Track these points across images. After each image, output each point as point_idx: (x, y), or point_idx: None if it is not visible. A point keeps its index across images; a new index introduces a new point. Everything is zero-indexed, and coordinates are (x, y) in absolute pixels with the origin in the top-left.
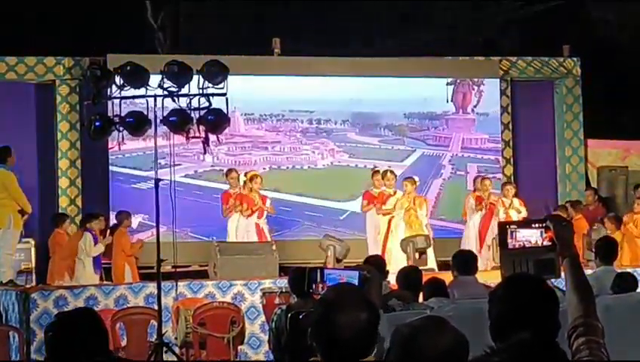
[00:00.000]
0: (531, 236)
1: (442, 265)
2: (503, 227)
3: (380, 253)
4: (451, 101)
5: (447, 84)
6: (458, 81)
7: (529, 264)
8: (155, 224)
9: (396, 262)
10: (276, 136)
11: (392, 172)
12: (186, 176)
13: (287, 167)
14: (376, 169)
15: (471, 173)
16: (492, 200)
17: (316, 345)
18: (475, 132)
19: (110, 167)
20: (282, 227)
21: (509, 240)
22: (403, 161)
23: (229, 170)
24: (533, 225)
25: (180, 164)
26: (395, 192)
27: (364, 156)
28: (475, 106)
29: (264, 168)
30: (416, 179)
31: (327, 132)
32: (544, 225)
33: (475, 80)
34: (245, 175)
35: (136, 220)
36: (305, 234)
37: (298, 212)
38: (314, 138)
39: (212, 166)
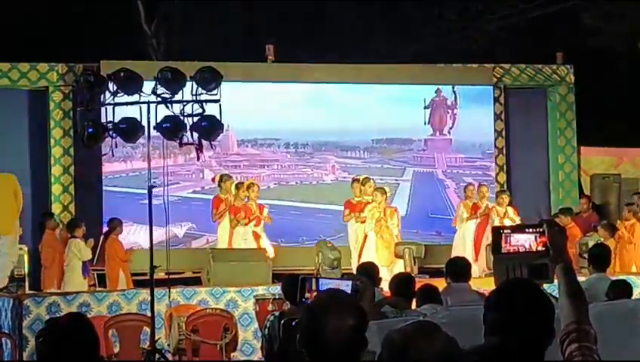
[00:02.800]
0: (525, 241)
1: (435, 272)
2: (497, 231)
3: (356, 261)
4: (429, 124)
5: (425, 107)
6: (434, 105)
7: (522, 268)
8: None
9: None
10: (272, 155)
11: (373, 180)
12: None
13: (288, 183)
14: (357, 177)
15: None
16: (488, 207)
17: (304, 351)
18: (453, 152)
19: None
20: (278, 234)
21: (503, 245)
22: (403, 176)
23: (222, 176)
24: (527, 230)
25: (177, 183)
26: (373, 200)
27: (361, 173)
28: (450, 128)
29: (269, 185)
30: (387, 189)
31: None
32: (539, 230)
33: (450, 104)
34: (240, 184)
35: (182, 230)
36: (300, 241)
37: (295, 219)
38: (305, 158)
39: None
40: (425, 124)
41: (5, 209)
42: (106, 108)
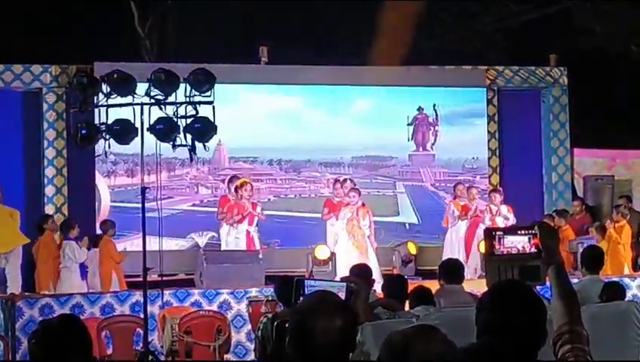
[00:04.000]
0: (519, 243)
1: (429, 274)
2: (489, 233)
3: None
4: (412, 140)
5: (408, 124)
6: (417, 122)
7: (514, 270)
8: None
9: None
10: (266, 169)
11: (351, 180)
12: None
13: (287, 196)
14: (338, 178)
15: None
16: (480, 209)
17: (294, 352)
18: (437, 167)
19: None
20: (272, 236)
21: (497, 246)
22: (396, 189)
23: (232, 178)
24: (519, 232)
25: (171, 197)
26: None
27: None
28: (432, 144)
29: (269, 198)
30: (360, 190)
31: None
32: (531, 231)
33: (431, 121)
34: (231, 181)
35: (204, 239)
36: (293, 243)
37: (289, 222)
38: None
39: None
40: (408, 140)
41: (6, 230)
42: (100, 110)
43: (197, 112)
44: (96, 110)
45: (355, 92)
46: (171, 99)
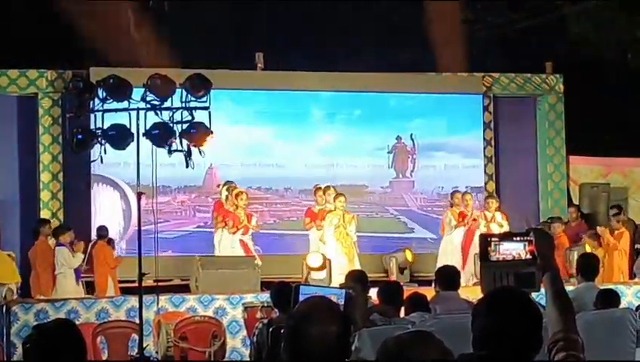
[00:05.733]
0: (514, 249)
1: (423, 281)
2: (485, 239)
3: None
4: (392, 167)
5: (388, 152)
6: (396, 150)
7: (509, 277)
8: None
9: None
10: (261, 193)
11: (333, 188)
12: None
13: (289, 218)
14: (319, 186)
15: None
16: (474, 215)
17: (289, 358)
18: (417, 193)
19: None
20: (266, 243)
21: (492, 253)
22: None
23: (225, 184)
24: (515, 238)
25: (167, 221)
26: (335, 208)
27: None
28: (412, 171)
29: (274, 220)
30: (345, 196)
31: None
32: (527, 238)
33: (410, 149)
34: (228, 189)
35: None
36: (288, 250)
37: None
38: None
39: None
40: (389, 167)
41: (5, 265)
42: (95, 115)
43: (193, 118)
44: (92, 115)
45: (323, 124)
46: (167, 104)
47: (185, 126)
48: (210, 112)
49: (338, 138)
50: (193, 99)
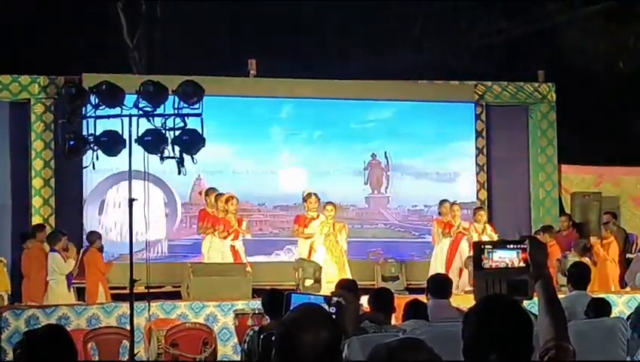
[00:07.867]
0: (508, 257)
1: (416, 289)
2: (478, 247)
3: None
4: (367, 184)
5: (364, 169)
6: (371, 167)
7: (502, 285)
8: None
9: None
10: (252, 206)
11: (315, 195)
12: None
13: (284, 229)
14: (310, 192)
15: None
16: (463, 226)
17: None
18: (393, 209)
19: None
20: (257, 249)
21: (485, 261)
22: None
23: (208, 190)
24: (508, 246)
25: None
26: (318, 216)
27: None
28: (386, 188)
29: (271, 230)
30: (336, 204)
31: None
32: (520, 246)
33: (384, 166)
34: (220, 195)
35: None
36: (279, 257)
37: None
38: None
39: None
40: (365, 183)
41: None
42: (88, 121)
43: (185, 125)
44: (84, 121)
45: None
46: (160, 111)
47: (177, 133)
48: (202, 119)
49: (319, 150)
50: (185, 105)
